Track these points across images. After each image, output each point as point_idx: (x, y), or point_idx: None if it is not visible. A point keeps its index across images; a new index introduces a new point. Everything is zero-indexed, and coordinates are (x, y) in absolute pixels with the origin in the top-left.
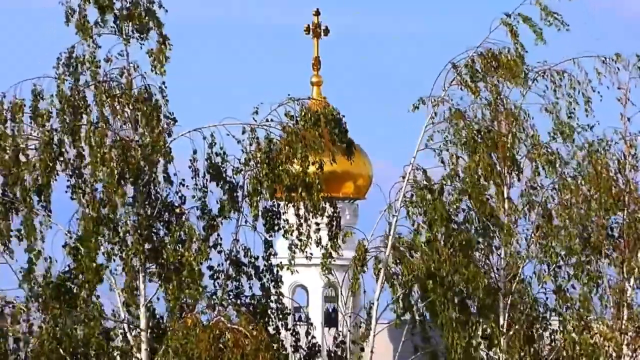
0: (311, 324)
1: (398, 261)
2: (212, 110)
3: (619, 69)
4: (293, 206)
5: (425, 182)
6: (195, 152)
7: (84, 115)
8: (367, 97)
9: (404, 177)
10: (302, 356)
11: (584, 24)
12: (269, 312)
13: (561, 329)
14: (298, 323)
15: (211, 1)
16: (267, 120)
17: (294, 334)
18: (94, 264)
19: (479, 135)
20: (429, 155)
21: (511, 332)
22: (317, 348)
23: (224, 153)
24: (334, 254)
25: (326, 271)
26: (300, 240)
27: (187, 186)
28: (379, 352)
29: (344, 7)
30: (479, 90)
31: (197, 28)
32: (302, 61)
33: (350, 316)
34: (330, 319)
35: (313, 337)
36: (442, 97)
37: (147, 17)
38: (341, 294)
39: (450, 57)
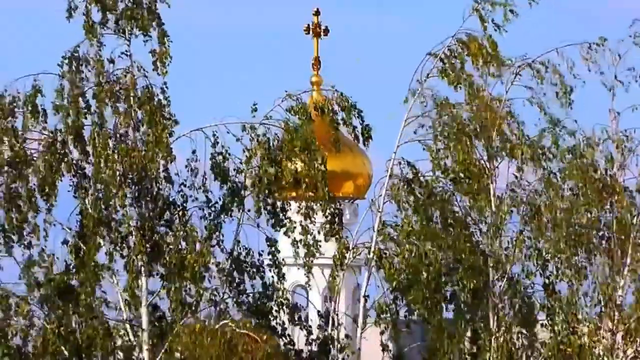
0: (306, 310)
1: (386, 254)
2: (212, 110)
3: (604, 50)
4: (296, 203)
5: (412, 175)
6: (194, 151)
7: (87, 116)
8: (367, 97)
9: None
10: (315, 348)
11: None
12: (272, 308)
13: (549, 324)
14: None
15: (211, 1)
16: (266, 117)
17: (304, 327)
18: (93, 264)
19: (455, 130)
20: (417, 148)
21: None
22: (330, 340)
23: (227, 152)
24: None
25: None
26: (305, 238)
27: (188, 186)
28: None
29: (344, 7)
30: (458, 79)
31: (197, 28)
32: (302, 61)
33: (337, 314)
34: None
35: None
36: (421, 89)
37: (149, 16)
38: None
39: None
